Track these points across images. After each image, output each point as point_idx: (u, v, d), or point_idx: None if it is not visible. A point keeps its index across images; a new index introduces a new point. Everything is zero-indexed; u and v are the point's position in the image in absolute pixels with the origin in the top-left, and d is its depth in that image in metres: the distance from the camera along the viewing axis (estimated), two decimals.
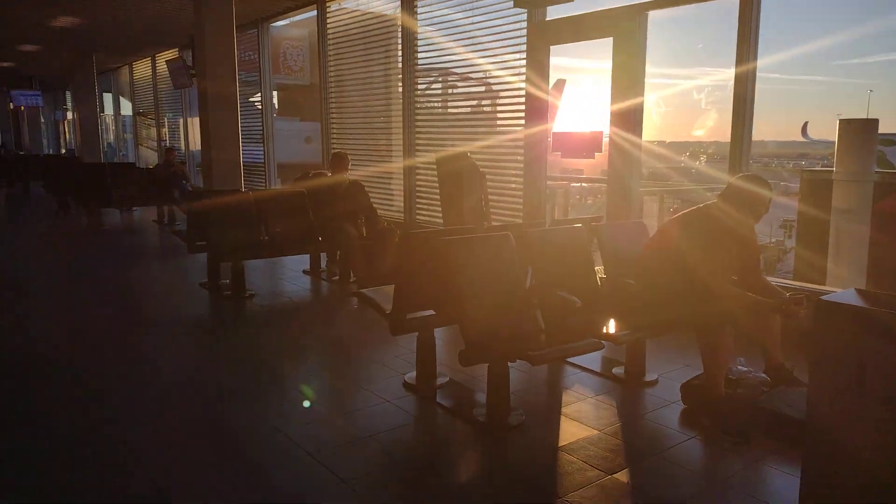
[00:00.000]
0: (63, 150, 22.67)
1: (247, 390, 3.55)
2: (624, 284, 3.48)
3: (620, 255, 3.69)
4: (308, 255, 6.71)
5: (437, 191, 7.39)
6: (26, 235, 9.51)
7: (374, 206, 6.47)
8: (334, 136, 9.31)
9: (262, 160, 11.11)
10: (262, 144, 11.09)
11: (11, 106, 23.67)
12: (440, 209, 6.59)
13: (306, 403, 3.39)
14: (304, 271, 6.78)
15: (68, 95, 21.38)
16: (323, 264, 6.93)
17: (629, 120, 4.96)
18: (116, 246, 8.50)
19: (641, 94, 4.94)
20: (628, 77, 4.92)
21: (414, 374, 3.70)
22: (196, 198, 5.93)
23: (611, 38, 4.96)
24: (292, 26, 16.32)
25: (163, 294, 5.91)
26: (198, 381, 3.71)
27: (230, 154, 8.09)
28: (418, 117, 7.71)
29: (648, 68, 4.92)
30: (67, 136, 23.71)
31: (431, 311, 3.59)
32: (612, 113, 5.04)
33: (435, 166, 6.33)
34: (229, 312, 5.32)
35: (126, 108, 18.67)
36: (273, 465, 2.68)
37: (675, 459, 2.81)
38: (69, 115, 22.48)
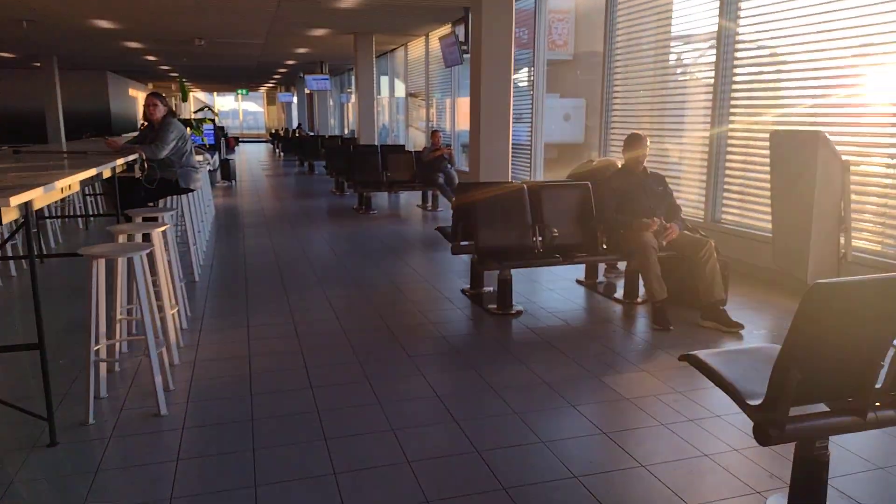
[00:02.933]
0: (346, 132, 24.58)
1: (513, 457, 2.48)
2: None
3: None
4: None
5: (761, 182, 5.68)
6: (302, 216, 9.84)
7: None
8: (616, 113, 7.92)
9: (528, 142, 10.20)
10: (527, 125, 10.17)
11: (307, 90, 26.34)
12: (768, 208, 4.92)
13: None
14: (578, 281, 5.62)
15: (352, 79, 22.96)
16: (600, 275, 5.70)
17: None
18: (381, 233, 8.23)
19: None
20: None
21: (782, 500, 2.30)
22: (462, 189, 5.08)
23: None
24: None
25: (422, 298, 5.21)
26: (453, 428, 2.74)
27: (500, 139, 7.21)
28: (737, 81, 5.98)
29: None
30: (350, 119, 25.69)
31: (826, 408, 2.15)
32: None
33: (768, 145, 4.65)
34: (492, 333, 4.36)
35: (399, 90, 19.33)
36: None
37: None
38: (353, 97, 24.22)
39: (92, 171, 3.56)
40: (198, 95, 44.57)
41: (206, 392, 3.30)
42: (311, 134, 24.14)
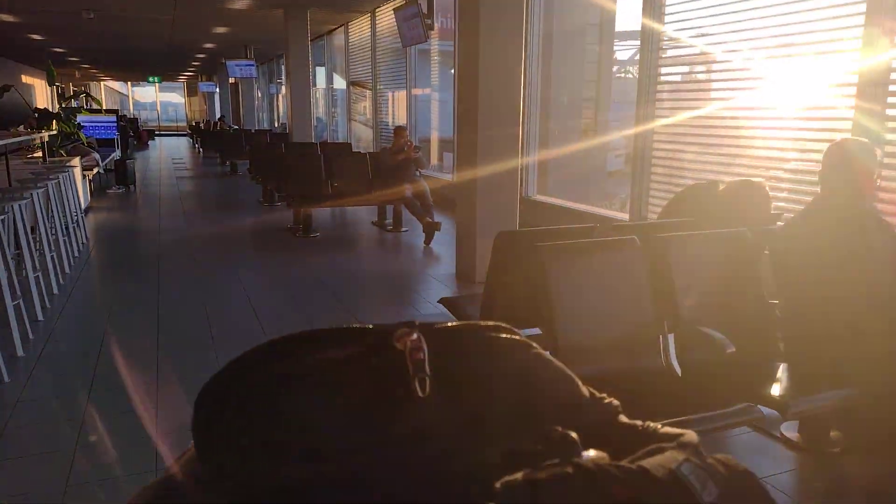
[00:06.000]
0: (276, 127, 21.59)
1: None
2: None
3: None
4: None
5: None
6: (213, 242, 7.19)
7: None
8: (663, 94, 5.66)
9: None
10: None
11: (231, 79, 23.13)
12: None
13: None
14: None
15: (283, 68, 20.09)
16: None
17: None
18: (330, 272, 5.71)
19: None
20: None
21: None
22: (516, 242, 2.69)
23: None
24: None
25: None
26: None
27: (507, 143, 4.89)
28: None
29: None
30: (280, 112, 22.72)
31: None
32: None
33: None
34: None
35: (338, 81, 16.69)
36: None
37: None
38: (283, 88, 21.29)
39: None
40: (111, 85, 40.36)
41: None
42: (234, 128, 21.07)
